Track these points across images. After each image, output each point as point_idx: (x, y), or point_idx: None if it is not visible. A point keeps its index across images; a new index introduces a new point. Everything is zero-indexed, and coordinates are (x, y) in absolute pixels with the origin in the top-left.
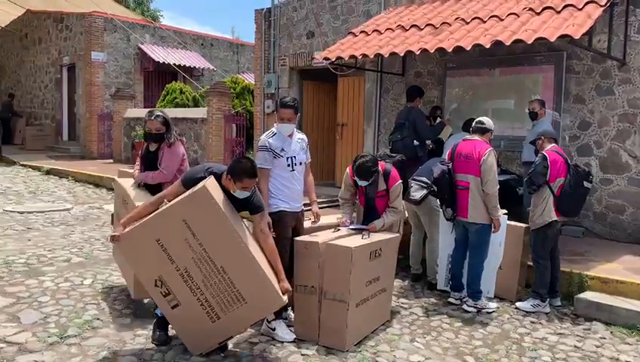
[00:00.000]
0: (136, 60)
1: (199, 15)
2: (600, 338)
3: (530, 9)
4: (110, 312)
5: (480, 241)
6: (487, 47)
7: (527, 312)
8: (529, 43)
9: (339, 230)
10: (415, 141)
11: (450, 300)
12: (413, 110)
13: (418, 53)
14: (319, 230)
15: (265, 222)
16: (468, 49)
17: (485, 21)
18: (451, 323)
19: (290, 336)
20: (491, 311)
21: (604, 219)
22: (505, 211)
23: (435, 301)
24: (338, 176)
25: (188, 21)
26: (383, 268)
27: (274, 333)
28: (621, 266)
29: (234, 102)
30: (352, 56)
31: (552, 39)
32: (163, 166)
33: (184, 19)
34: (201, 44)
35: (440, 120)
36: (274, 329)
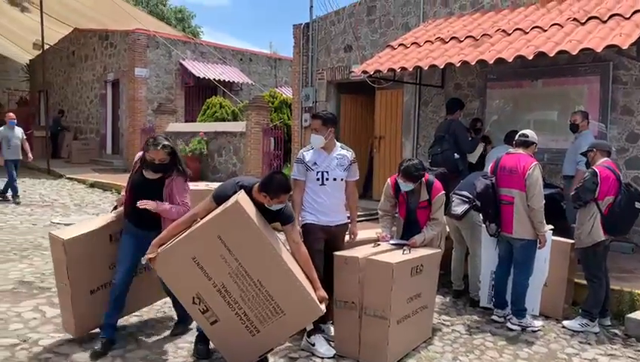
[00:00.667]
0: (178, 76)
1: (238, 30)
2: None
3: (575, 19)
4: (153, 325)
5: (525, 257)
6: (530, 58)
7: (575, 331)
8: (574, 54)
9: (379, 245)
10: (456, 154)
11: (494, 318)
12: (453, 122)
13: (458, 65)
14: (359, 244)
15: (296, 232)
16: (510, 60)
17: (527, 32)
18: (495, 342)
19: (330, 352)
20: (536, 329)
21: None
22: (551, 227)
23: (478, 318)
24: (375, 190)
25: (227, 37)
26: (424, 285)
27: (313, 349)
28: None
29: (272, 116)
30: (391, 69)
31: (599, 50)
32: (180, 199)
33: (223, 34)
34: (240, 59)
35: (476, 137)
36: (313, 344)
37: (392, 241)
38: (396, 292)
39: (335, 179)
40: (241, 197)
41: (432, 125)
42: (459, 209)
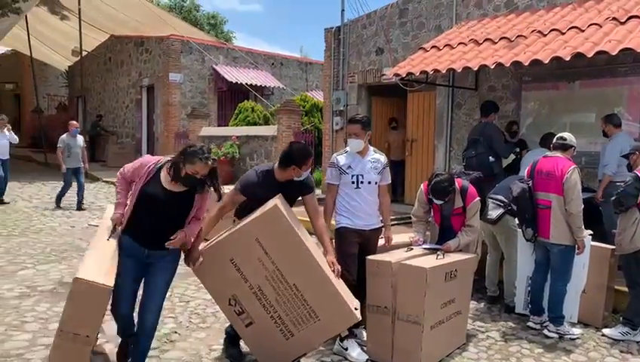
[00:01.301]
0: (211, 81)
1: (269, 35)
2: None
3: (614, 19)
4: (187, 326)
5: (562, 263)
6: (567, 59)
7: (616, 340)
8: (613, 54)
9: (412, 249)
10: (490, 157)
11: (530, 324)
12: (488, 125)
13: (493, 67)
14: (391, 249)
15: (316, 200)
16: (546, 62)
17: (564, 33)
18: (532, 349)
19: (363, 357)
20: (575, 337)
21: None
22: (590, 232)
23: (514, 325)
24: (407, 194)
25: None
26: (458, 290)
27: (346, 353)
28: None
29: (303, 120)
30: (423, 72)
31: None
32: (202, 214)
33: (255, 39)
34: (272, 63)
35: (512, 140)
36: (346, 348)
37: (425, 246)
38: (430, 298)
39: (370, 182)
40: (280, 201)
41: (466, 128)
42: (494, 213)
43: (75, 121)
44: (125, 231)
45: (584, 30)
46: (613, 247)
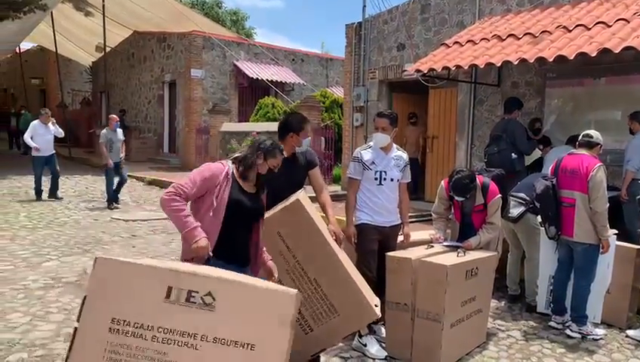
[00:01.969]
0: (232, 76)
1: (290, 31)
2: None
3: None
4: None
5: (586, 262)
6: (593, 55)
7: None
8: None
9: (432, 246)
10: (513, 154)
11: (552, 324)
12: (511, 121)
13: (516, 63)
14: (411, 246)
15: (321, 176)
16: (571, 58)
17: (590, 28)
18: (553, 349)
19: (382, 354)
20: (598, 337)
21: None
22: (615, 231)
23: (535, 324)
24: (428, 191)
25: (279, 38)
26: (479, 288)
27: (365, 349)
28: None
29: (323, 116)
30: (445, 68)
31: None
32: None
33: (276, 35)
34: (292, 59)
35: (535, 138)
36: (365, 344)
37: (445, 243)
38: (450, 296)
39: (392, 179)
40: (302, 196)
41: (488, 125)
42: (515, 211)
43: (115, 115)
44: (217, 256)
45: (611, 25)
46: (638, 247)
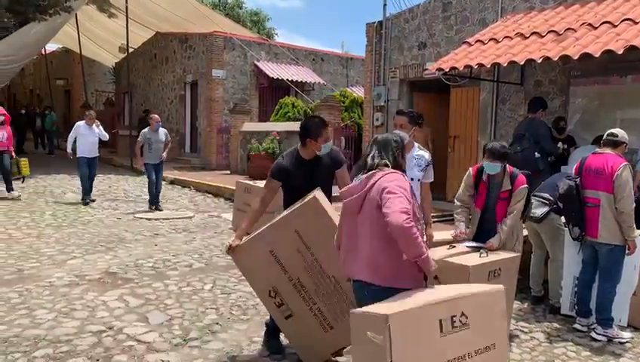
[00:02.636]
0: (252, 76)
1: (310, 31)
2: None
3: None
4: (228, 317)
5: (611, 264)
6: (620, 53)
7: None
8: None
9: (454, 247)
10: (536, 153)
11: (576, 326)
12: (535, 120)
13: (540, 61)
14: (433, 246)
15: (348, 175)
16: (596, 56)
17: (616, 25)
18: (578, 352)
19: None
20: (624, 341)
21: None
22: None
23: (559, 326)
24: (449, 190)
25: (299, 38)
26: None
27: None
28: None
29: (343, 115)
30: (467, 66)
31: None
32: None
33: (296, 35)
34: (313, 59)
35: (561, 138)
36: None
37: (467, 244)
38: None
39: (412, 179)
40: (318, 194)
41: (511, 124)
42: (538, 211)
43: (157, 115)
44: None
45: (638, 22)
46: None
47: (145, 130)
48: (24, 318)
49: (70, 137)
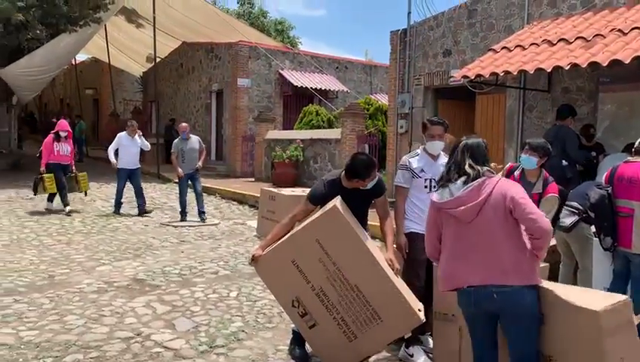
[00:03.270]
0: (277, 85)
1: (334, 39)
2: None
3: None
4: (254, 325)
5: None
6: None
7: None
8: None
9: None
10: (564, 161)
11: None
12: (562, 128)
13: (567, 68)
14: None
15: (387, 203)
16: (626, 62)
17: None
18: None
19: None
20: None
21: None
22: None
23: None
24: None
25: (323, 46)
26: None
27: (412, 359)
28: None
29: (367, 123)
30: (493, 73)
31: None
32: None
33: (320, 44)
34: (336, 67)
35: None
36: (412, 355)
37: None
38: None
39: None
40: (339, 202)
41: (538, 131)
42: (567, 220)
43: (186, 123)
44: None
45: None
46: None
47: (176, 140)
48: (55, 324)
49: (111, 148)
